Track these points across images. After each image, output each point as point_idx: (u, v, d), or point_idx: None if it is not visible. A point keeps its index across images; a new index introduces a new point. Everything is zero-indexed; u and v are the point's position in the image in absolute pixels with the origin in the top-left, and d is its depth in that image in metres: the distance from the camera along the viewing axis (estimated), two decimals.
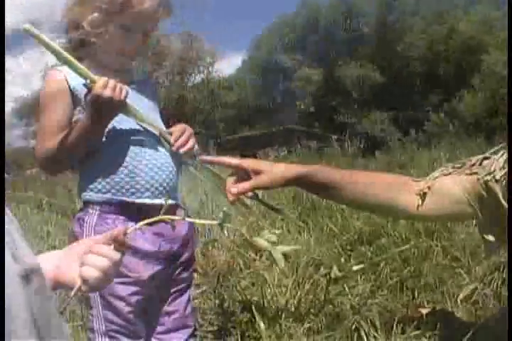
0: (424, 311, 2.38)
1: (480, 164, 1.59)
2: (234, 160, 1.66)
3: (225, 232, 3.75)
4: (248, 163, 1.63)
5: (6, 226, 0.76)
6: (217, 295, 2.74)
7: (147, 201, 1.63)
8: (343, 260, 3.07)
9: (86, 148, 1.60)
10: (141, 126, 1.65)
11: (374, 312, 2.33)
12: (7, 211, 0.81)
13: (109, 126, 1.62)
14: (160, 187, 1.65)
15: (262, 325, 2.24)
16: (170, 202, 1.49)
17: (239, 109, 40.22)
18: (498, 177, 1.50)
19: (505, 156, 1.52)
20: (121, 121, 1.62)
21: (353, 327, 2.20)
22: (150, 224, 1.59)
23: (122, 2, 1.59)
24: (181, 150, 1.67)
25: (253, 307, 2.35)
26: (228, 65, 72.10)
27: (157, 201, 1.63)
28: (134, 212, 1.59)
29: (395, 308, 2.50)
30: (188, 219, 1.23)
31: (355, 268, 2.72)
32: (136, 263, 1.60)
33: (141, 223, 1.10)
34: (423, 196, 1.60)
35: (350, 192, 1.64)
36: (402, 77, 33.36)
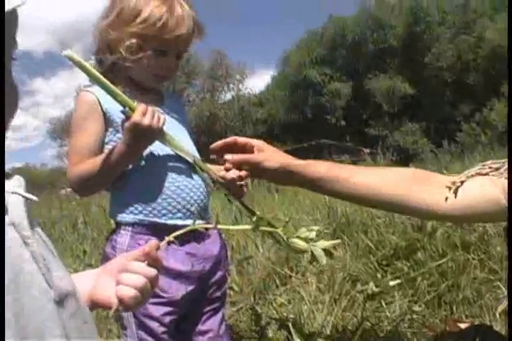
0: (462, 326, 2.33)
1: None
2: (243, 138, 1.66)
3: (260, 249, 3.74)
4: (258, 142, 1.64)
5: (38, 251, 0.75)
6: (253, 313, 2.73)
7: (179, 222, 1.62)
8: (379, 275, 3.04)
9: (120, 171, 1.61)
10: (175, 153, 1.65)
11: (412, 328, 2.30)
12: (40, 233, 0.81)
13: None
14: (191, 207, 1.65)
15: None
16: (198, 222, 1.49)
17: (269, 125, 40.46)
18: None
19: None
20: (154, 145, 1.62)
21: None
22: (182, 244, 1.60)
23: (160, 27, 1.60)
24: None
25: (290, 325, 2.33)
26: (258, 82, 72.51)
27: (189, 222, 1.61)
28: (166, 233, 1.58)
29: (434, 323, 2.47)
30: (220, 226, 1.22)
31: (392, 283, 2.69)
32: (169, 284, 1.60)
33: (173, 235, 1.10)
34: (455, 190, 1.55)
35: (355, 188, 1.61)
36: (431, 87, 33.25)
